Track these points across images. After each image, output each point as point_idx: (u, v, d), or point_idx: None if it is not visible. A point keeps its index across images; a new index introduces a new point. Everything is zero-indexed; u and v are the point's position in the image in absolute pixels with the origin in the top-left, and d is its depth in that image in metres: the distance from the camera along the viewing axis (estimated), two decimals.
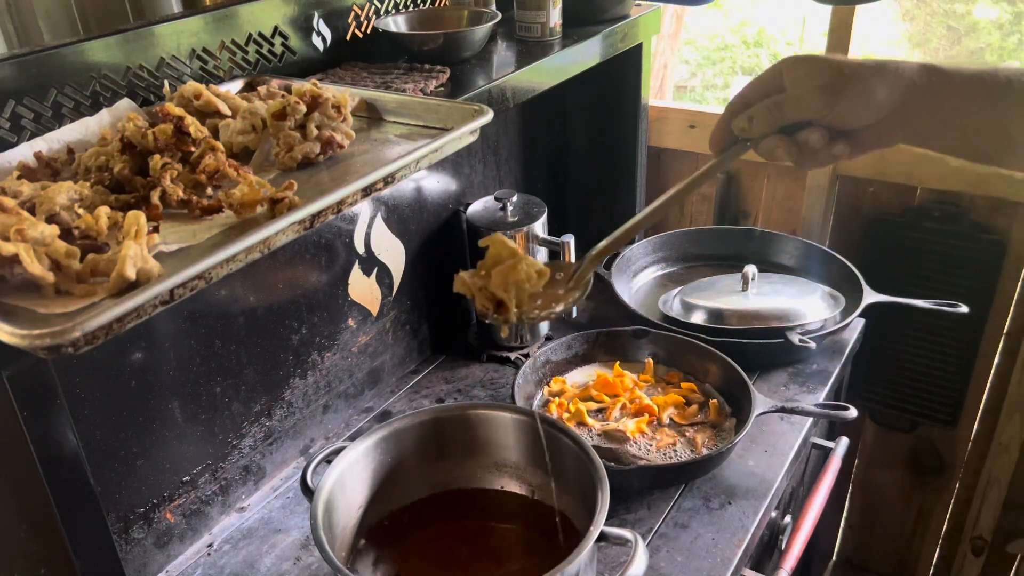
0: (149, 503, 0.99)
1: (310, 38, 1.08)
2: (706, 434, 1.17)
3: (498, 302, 0.69)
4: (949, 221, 1.52)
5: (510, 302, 0.69)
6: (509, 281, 0.69)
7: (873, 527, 1.91)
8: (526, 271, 0.69)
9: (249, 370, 1.07)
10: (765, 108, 0.67)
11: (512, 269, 0.69)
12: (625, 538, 0.82)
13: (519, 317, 0.70)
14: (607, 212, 1.69)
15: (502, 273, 0.69)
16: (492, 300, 0.70)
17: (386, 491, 0.99)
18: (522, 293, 0.69)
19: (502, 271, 0.69)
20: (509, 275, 0.69)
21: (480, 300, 0.70)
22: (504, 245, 0.70)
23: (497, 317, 0.70)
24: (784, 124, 0.67)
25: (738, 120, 0.69)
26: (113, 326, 0.54)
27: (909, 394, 1.67)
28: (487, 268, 0.70)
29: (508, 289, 0.69)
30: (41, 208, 0.63)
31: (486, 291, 0.70)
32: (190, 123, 0.74)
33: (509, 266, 0.69)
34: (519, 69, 1.14)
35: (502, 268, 0.69)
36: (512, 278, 0.69)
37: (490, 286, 0.69)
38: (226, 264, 0.61)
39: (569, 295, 0.72)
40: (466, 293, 0.71)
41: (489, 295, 0.70)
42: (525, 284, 0.69)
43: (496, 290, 0.69)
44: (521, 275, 0.69)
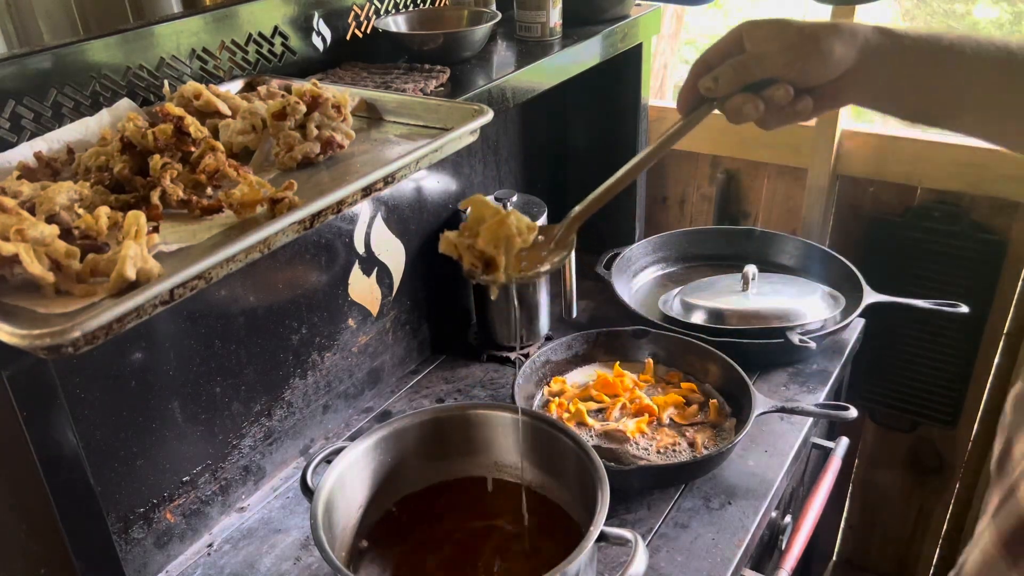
0: (149, 503, 0.99)
1: (310, 38, 1.08)
2: (706, 434, 1.17)
3: (486, 261, 0.68)
4: (949, 221, 1.52)
5: (500, 259, 0.68)
6: (499, 236, 0.68)
7: (873, 527, 1.91)
8: (516, 224, 0.68)
9: (249, 370, 1.07)
10: (730, 67, 0.69)
11: (501, 224, 0.68)
12: (625, 538, 0.82)
13: (508, 277, 0.69)
14: (607, 212, 1.68)
15: (491, 229, 0.68)
16: (481, 259, 0.68)
17: (386, 491, 0.99)
18: (511, 250, 0.68)
19: (491, 226, 0.68)
20: (499, 230, 0.67)
21: (468, 259, 0.69)
22: (486, 204, 0.69)
23: (486, 277, 0.69)
24: (749, 82, 0.69)
25: (704, 80, 0.71)
26: (113, 326, 0.54)
27: (909, 394, 1.67)
28: (471, 229, 0.69)
29: (498, 245, 0.67)
30: (41, 208, 0.63)
31: (474, 250, 0.68)
32: (190, 123, 0.74)
33: (498, 220, 0.68)
34: (519, 69, 1.14)
35: (491, 223, 0.68)
36: (503, 233, 0.67)
37: (479, 244, 0.68)
38: (226, 264, 0.61)
39: (554, 254, 0.71)
40: (452, 254, 0.70)
41: (478, 254, 0.68)
42: (516, 239, 0.68)
43: (486, 247, 0.68)
44: (512, 229, 0.68)
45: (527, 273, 0.70)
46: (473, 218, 0.69)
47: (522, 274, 0.70)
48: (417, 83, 1.04)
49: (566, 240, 0.73)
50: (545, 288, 1.39)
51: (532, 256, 0.70)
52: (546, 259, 0.71)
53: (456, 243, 0.69)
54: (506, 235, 0.68)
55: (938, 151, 1.49)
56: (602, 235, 1.66)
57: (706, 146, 1.72)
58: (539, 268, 0.71)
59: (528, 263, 0.70)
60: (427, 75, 1.07)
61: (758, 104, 0.68)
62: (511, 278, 0.69)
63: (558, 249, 0.72)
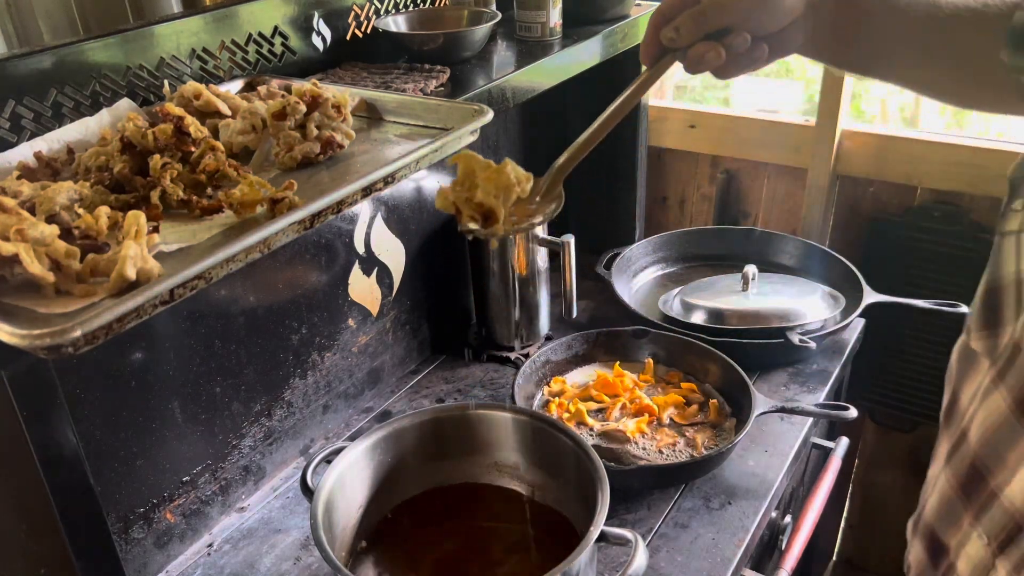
0: (149, 503, 0.99)
1: (310, 38, 1.08)
2: (706, 434, 1.17)
3: (485, 214, 0.67)
4: (949, 221, 1.52)
5: (500, 208, 0.67)
6: (499, 186, 0.67)
7: (873, 527, 1.91)
8: (515, 174, 0.68)
9: (249, 370, 1.07)
10: (690, 17, 0.70)
11: (499, 173, 0.67)
12: (625, 538, 0.82)
13: (505, 230, 0.69)
14: (607, 212, 1.69)
15: (490, 179, 0.67)
16: (480, 211, 0.68)
17: (386, 491, 0.99)
18: (508, 201, 0.68)
19: (489, 177, 0.67)
20: (498, 179, 0.67)
21: (466, 212, 0.68)
22: (476, 158, 0.68)
23: (485, 230, 0.68)
24: (708, 31, 0.70)
25: (665, 31, 0.72)
26: (113, 326, 0.54)
27: (909, 394, 1.67)
28: (465, 182, 0.68)
29: (498, 195, 0.67)
30: (41, 208, 0.63)
31: (472, 203, 0.68)
32: (190, 123, 0.74)
33: (496, 171, 0.67)
34: (519, 69, 1.14)
35: (489, 173, 0.67)
36: (502, 182, 0.67)
37: (478, 195, 0.67)
38: (226, 264, 0.61)
39: (544, 207, 0.71)
40: (448, 209, 0.69)
41: (476, 206, 0.68)
42: (515, 188, 0.68)
43: (486, 197, 0.67)
44: (510, 179, 0.67)
45: (521, 225, 0.70)
46: (464, 172, 0.68)
47: (516, 227, 0.70)
48: (417, 83, 1.04)
49: (553, 192, 0.73)
50: (545, 288, 1.39)
51: (520, 210, 0.70)
52: (536, 212, 0.71)
53: (453, 197, 0.68)
54: (505, 184, 0.67)
55: (938, 151, 1.49)
56: (602, 235, 1.66)
57: (706, 146, 1.72)
58: (532, 220, 0.70)
59: (518, 217, 0.70)
60: (427, 75, 1.07)
61: (720, 51, 0.69)
62: (508, 231, 0.69)
63: (546, 202, 0.72)
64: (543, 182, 0.72)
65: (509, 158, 0.69)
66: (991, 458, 0.61)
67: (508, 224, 0.69)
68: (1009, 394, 0.59)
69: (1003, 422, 0.60)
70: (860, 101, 2.33)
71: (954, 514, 0.66)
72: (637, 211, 1.67)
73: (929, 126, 1.92)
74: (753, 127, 1.66)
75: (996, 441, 0.60)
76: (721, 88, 1.95)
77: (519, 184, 0.68)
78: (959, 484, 0.65)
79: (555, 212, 0.72)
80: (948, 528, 0.67)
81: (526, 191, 0.69)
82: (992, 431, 0.61)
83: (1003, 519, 0.60)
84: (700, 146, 1.72)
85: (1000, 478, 0.60)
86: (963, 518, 0.64)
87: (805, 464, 1.36)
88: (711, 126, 1.70)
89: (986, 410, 0.61)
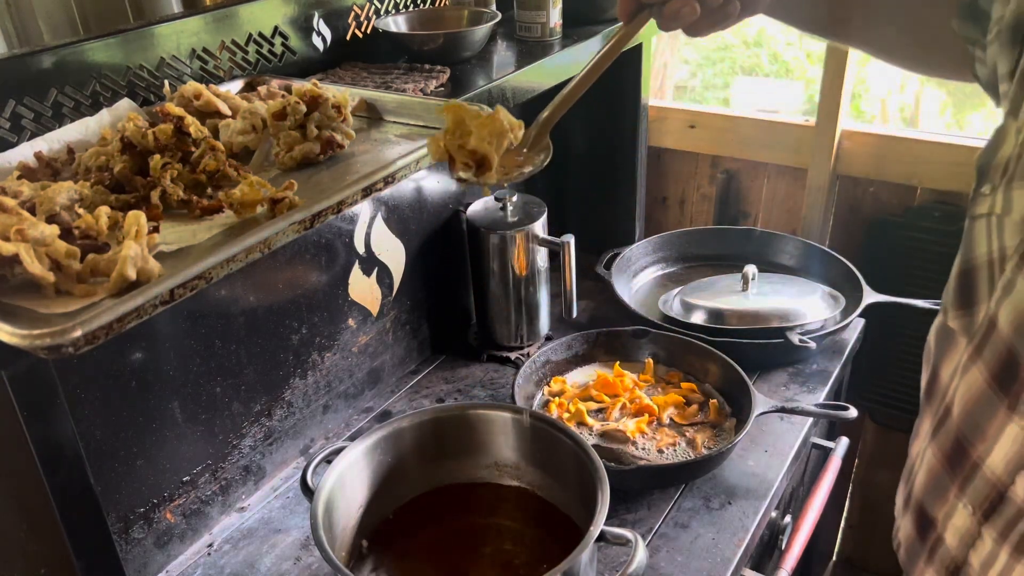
0: (149, 503, 0.99)
1: (310, 38, 1.08)
2: (706, 434, 1.17)
3: (478, 162, 0.68)
4: (949, 221, 1.52)
5: (493, 155, 0.67)
6: (492, 132, 0.67)
7: (873, 527, 1.91)
8: (507, 120, 0.68)
9: (249, 370, 1.07)
10: None
11: (492, 119, 0.67)
12: (625, 538, 0.82)
13: (497, 178, 0.69)
14: (607, 212, 1.69)
15: (483, 126, 0.67)
16: (473, 158, 0.68)
17: (386, 491, 0.99)
18: (501, 147, 0.68)
19: (483, 123, 0.67)
20: (492, 125, 0.67)
21: (460, 159, 0.68)
22: (464, 108, 0.68)
23: (478, 178, 0.68)
24: None
25: None
26: (113, 326, 0.54)
27: (909, 394, 1.67)
28: (456, 131, 0.68)
29: (491, 142, 0.67)
30: (41, 208, 0.63)
31: (464, 150, 0.68)
32: (190, 123, 0.74)
33: (488, 117, 0.67)
34: (519, 69, 1.14)
35: (482, 120, 0.67)
36: (496, 128, 0.67)
37: (471, 142, 0.67)
38: (226, 264, 0.61)
39: (533, 157, 0.72)
40: (440, 158, 0.69)
41: (468, 153, 0.68)
42: (508, 134, 0.68)
43: (479, 143, 0.67)
44: (503, 124, 0.67)
45: (512, 174, 0.71)
46: (454, 121, 0.68)
47: (507, 176, 0.70)
48: (417, 83, 1.04)
49: (541, 144, 0.74)
50: (545, 288, 1.39)
51: (509, 161, 0.71)
52: (526, 162, 0.71)
53: (446, 145, 0.68)
54: (499, 130, 0.67)
55: (938, 151, 1.49)
56: (602, 235, 1.66)
57: (706, 146, 1.72)
58: (523, 169, 0.71)
59: (508, 167, 0.70)
60: (427, 75, 1.07)
61: (694, 6, 0.70)
62: (500, 180, 0.70)
63: (533, 153, 0.73)
64: (530, 132, 0.73)
65: (501, 107, 0.70)
66: (972, 430, 0.63)
67: (500, 173, 0.69)
68: (986, 368, 0.62)
69: (981, 395, 0.62)
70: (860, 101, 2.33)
71: (941, 487, 0.68)
72: (637, 211, 1.67)
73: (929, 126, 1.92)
74: (753, 127, 1.66)
75: (976, 414, 0.63)
76: (721, 88, 1.95)
77: (512, 130, 0.68)
78: (945, 458, 0.67)
79: (544, 162, 0.73)
80: (935, 501, 0.69)
81: (518, 137, 0.70)
82: (972, 404, 0.63)
83: (986, 488, 0.63)
84: (700, 146, 1.72)
85: (981, 449, 0.63)
86: (949, 490, 0.67)
87: (805, 464, 1.36)
88: (711, 126, 1.70)
89: (966, 385, 0.64)
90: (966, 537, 0.66)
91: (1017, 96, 0.61)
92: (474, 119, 0.68)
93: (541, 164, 0.73)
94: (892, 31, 0.81)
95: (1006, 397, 0.60)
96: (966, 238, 0.66)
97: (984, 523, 0.64)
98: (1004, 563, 0.62)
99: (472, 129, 0.67)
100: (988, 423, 0.62)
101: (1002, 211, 0.61)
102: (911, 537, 0.74)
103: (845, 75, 1.50)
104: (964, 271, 0.67)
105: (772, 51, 3.69)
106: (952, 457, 0.66)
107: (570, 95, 0.75)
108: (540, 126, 0.74)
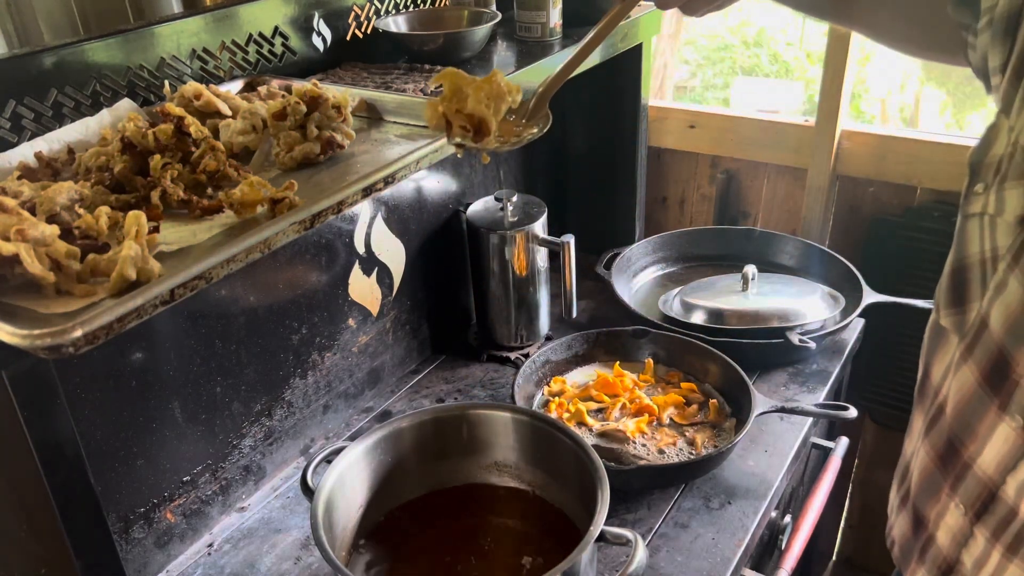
0: (149, 503, 0.99)
1: (310, 38, 1.08)
2: (706, 434, 1.17)
3: (476, 128, 0.67)
4: (949, 221, 1.52)
5: (491, 119, 0.67)
6: (490, 95, 0.67)
7: (873, 527, 1.91)
8: (504, 83, 0.67)
9: (249, 370, 1.07)
10: None
11: (489, 82, 0.67)
12: (625, 538, 0.82)
13: (495, 144, 0.69)
14: (607, 212, 1.69)
15: (481, 88, 0.67)
16: (471, 122, 0.68)
17: (386, 491, 0.99)
18: (499, 112, 0.67)
19: (480, 86, 0.67)
20: (489, 88, 0.67)
21: (457, 124, 0.68)
22: (461, 75, 0.68)
23: (475, 143, 0.68)
24: None
25: None
26: (113, 326, 0.54)
27: (909, 394, 1.67)
28: (452, 98, 0.68)
29: (489, 104, 0.67)
30: (41, 208, 0.63)
31: (462, 115, 0.67)
32: (190, 123, 0.74)
33: (485, 80, 0.67)
34: (519, 69, 1.14)
35: (479, 83, 0.67)
36: (494, 91, 0.67)
37: (469, 104, 0.67)
38: (226, 264, 0.61)
39: (531, 126, 0.72)
40: (437, 124, 0.69)
41: (465, 118, 0.67)
42: (506, 97, 0.68)
43: (477, 106, 0.67)
44: (501, 87, 0.67)
45: (509, 140, 0.70)
46: (452, 89, 0.68)
47: (505, 142, 0.70)
48: (417, 83, 1.04)
49: (539, 112, 0.73)
50: (545, 288, 1.39)
51: (505, 129, 0.70)
52: (524, 130, 0.71)
53: (444, 109, 0.68)
54: (497, 93, 0.67)
55: (938, 151, 1.49)
56: (602, 235, 1.66)
57: (706, 146, 1.72)
58: (521, 135, 0.71)
59: (504, 135, 0.70)
60: (427, 75, 1.07)
61: None
62: (498, 146, 0.70)
63: (531, 121, 0.73)
64: (528, 103, 0.73)
65: (498, 70, 0.70)
66: (964, 430, 0.63)
67: (498, 139, 0.69)
68: (977, 367, 0.62)
69: (972, 394, 0.62)
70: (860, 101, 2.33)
71: (933, 486, 0.68)
72: (637, 211, 1.67)
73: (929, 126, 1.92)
74: (753, 127, 1.66)
75: (967, 413, 0.63)
76: (721, 88, 1.95)
77: (510, 93, 0.68)
78: (937, 456, 0.67)
79: (543, 130, 0.73)
80: (927, 500, 0.69)
81: (516, 101, 0.69)
82: (963, 403, 0.63)
83: (977, 488, 0.63)
84: (700, 146, 1.72)
85: (972, 448, 0.63)
86: (942, 489, 0.67)
87: (805, 464, 1.36)
88: (711, 126, 1.70)
89: (957, 383, 0.64)
90: (958, 536, 0.66)
91: (1009, 93, 0.61)
92: (470, 84, 0.67)
93: (540, 132, 0.72)
94: (892, 13, 0.81)
95: (997, 397, 0.60)
96: (959, 236, 0.66)
97: (976, 523, 0.64)
98: (996, 563, 0.62)
99: (469, 92, 0.67)
100: (979, 422, 0.62)
101: (995, 211, 0.60)
102: (905, 535, 0.74)
103: (845, 75, 1.50)
104: (956, 269, 0.66)
105: (772, 51, 3.69)
106: (944, 456, 0.66)
107: (565, 70, 0.75)
108: (537, 98, 0.74)
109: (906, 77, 3.31)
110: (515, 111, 0.73)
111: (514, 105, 0.70)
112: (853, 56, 1.50)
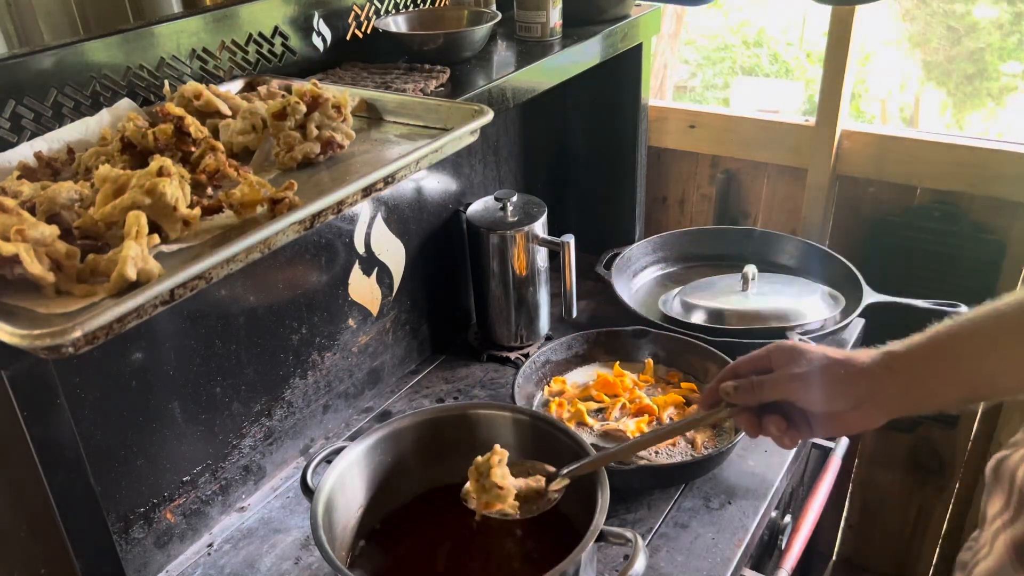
0: (149, 503, 0.99)
1: (310, 38, 1.08)
2: (706, 434, 1.17)
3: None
4: (949, 221, 1.52)
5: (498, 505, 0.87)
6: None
7: (873, 527, 1.91)
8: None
9: (249, 370, 1.07)
10: (749, 383, 0.76)
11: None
12: (625, 538, 0.82)
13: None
14: (607, 212, 1.69)
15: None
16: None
17: (386, 491, 0.99)
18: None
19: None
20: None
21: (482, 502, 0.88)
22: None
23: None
24: (762, 401, 0.76)
25: (725, 386, 0.78)
26: (113, 326, 0.54)
27: None
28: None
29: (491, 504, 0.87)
30: (41, 208, 0.63)
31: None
32: (190, 123, 0.74)
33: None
34: (519, 69, 1.14)
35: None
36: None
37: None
38: (226, 264, 0.61)
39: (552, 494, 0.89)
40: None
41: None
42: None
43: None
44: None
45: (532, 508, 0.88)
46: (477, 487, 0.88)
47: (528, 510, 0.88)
48: (417, 83, 1.04)
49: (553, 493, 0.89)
50: (545, 288, 1.39)
51: (530, 494, 0.89)
52: (549, 496, 0.89)
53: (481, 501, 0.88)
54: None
55: (938, 151, 1.49)
56: (602, 235, 1.66)
57: (706, 146, 1.72)
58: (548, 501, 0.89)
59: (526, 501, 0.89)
60: (427, 75, 1.07)
61: (756, 429, 0.76)
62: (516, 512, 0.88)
63: (547, 503, 0.89)
64: (549, 477, 0.90)
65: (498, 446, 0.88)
66: None
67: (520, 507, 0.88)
68: None
69: None
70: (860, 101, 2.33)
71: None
72: (637, 211, 1.67)
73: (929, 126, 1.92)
74: (753, 127, 1.66)
75: None
76: (721, 88, 1.95)
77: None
78: (1015, 550, 0.66)
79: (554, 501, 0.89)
80: None
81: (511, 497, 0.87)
82: None
83: None
84: (700, 146, 1.72)
85: None
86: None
87: (805, 464, 1.36)
88: (711, 126, 1.70)
89: None
90: None
91: None
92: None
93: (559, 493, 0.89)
94: None
95: None
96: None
97: None
98: None
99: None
100: None
101: None
102: None
103: (845, 75, 1.50)
104: None
105: (772, 51, 3.69)
106: (1022, 552, 0.65)
107: (612, 456, 0.88)
108: (565, 476, 0.89)
109: (906, 77, 3.32)
110: (537, 473, 0.90)
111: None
112: (853, 56, 1.50)
